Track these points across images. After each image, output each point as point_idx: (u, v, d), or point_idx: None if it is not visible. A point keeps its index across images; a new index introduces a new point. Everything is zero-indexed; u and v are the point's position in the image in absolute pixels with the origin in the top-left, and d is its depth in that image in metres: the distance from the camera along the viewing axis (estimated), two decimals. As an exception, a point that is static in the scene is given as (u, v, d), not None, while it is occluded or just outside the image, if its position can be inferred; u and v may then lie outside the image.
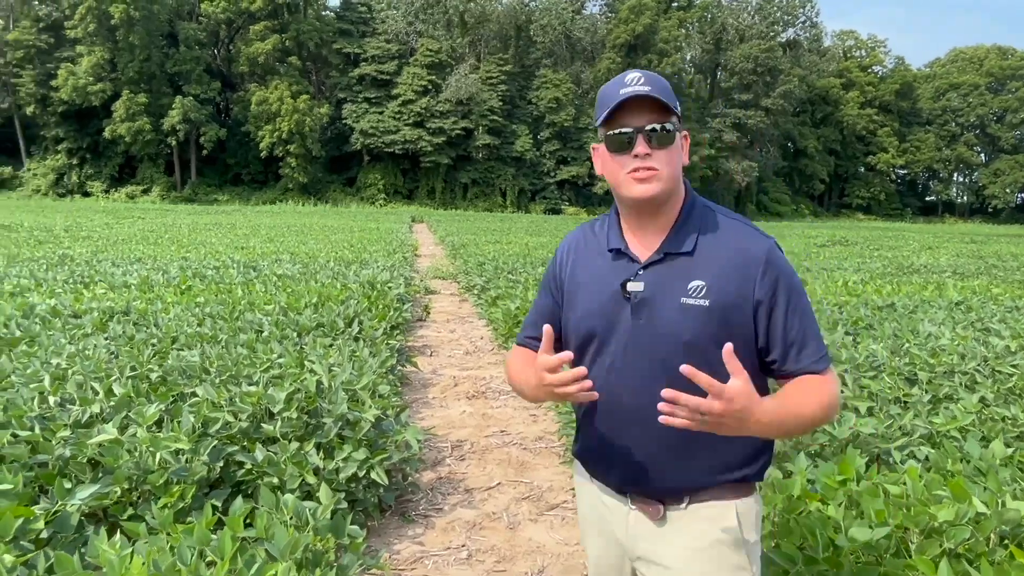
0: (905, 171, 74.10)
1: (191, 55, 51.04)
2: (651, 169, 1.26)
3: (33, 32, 50.04)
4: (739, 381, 1.10)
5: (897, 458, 2.67)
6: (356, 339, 4.76)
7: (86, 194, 50.77)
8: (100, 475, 2.39)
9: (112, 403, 2.81)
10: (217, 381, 3.26)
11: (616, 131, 1.27)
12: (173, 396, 3.02)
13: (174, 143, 50.58)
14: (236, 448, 2.64)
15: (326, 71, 57.49)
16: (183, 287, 6.41)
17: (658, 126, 1.25)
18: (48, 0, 51.50)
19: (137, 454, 2.45)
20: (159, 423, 2.75)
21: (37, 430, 2.49)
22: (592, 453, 1.44)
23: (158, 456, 2.40)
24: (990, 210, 73.41)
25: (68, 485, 2.30)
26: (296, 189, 51.98)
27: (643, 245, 1.34)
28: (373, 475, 2.75)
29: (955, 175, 76.88)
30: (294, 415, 2.82)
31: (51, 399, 2.81)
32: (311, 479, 2.50)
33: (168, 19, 51.00)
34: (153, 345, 4.21)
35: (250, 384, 3.12)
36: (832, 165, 68.31)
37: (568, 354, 1.22)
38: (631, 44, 54.85)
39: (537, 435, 4.33)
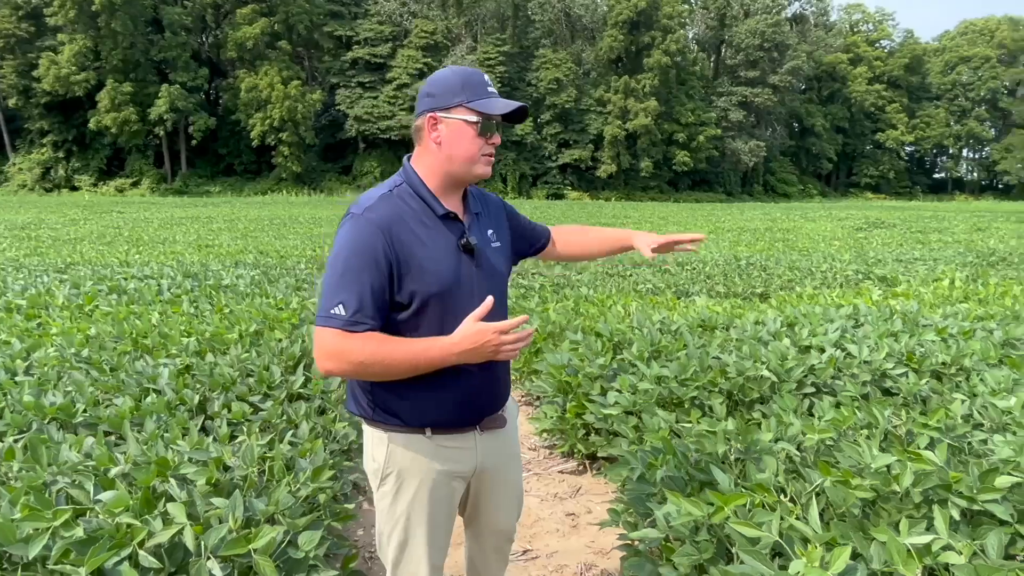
0: (914, 148, 71.85)
1: (177, 41, 49.07)
2: (494, 155, 1.62)
3: (12, 20, 48.01)
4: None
5: None
6: (295, 398, 3.16)
7: (74, 188, 49.01)
8: None
9: None
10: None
11: (492, 120, 1.54)
12: None
13: (162, 133, 48.91)
14: None
15: (318, 55, 55.43)
16: (88, 308, 4.84)
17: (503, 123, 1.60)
18: (27, -14, 49.45)
19: None
20: None
21: None
22: (448, 402, 1.59)
23: None
24: (1000, 186, 71.26)
25: None
26: (290, 179, 50.19)
27: (454, 209, 1.62)
28: None
29: (964, 151, 74.66)
30: None
31: None
32: None
33: (152, 4, 48.93)
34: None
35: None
36: (840, 143, 66.14)
37: (524, 316, 1.48)
38: (633, 21, 52.74)
39: (585, 560, 2.73)
